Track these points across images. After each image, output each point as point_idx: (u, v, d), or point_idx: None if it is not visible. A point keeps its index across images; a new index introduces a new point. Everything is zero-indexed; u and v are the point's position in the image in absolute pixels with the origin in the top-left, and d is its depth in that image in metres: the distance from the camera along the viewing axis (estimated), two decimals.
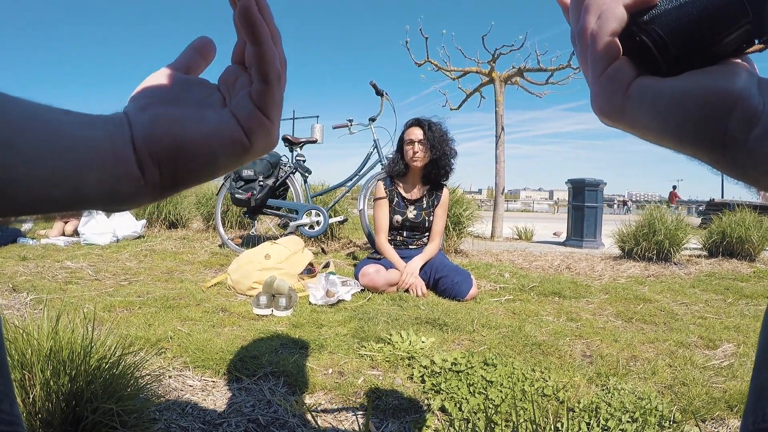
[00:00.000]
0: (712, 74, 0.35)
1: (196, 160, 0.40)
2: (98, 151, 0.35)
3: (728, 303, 3.32)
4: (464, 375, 1.76)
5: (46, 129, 0.32)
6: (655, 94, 0.36)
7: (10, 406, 0.50)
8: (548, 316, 2.80)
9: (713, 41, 0.35)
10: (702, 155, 0.36)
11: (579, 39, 0.41)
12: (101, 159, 0.35)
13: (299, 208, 4.72)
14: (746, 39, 0.35)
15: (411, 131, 3.58)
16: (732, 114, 0.33)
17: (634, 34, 0.37)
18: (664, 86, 0.36)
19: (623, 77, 0.38)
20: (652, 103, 0.36)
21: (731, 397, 1.70)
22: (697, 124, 0.34)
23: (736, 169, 0.35)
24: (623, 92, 0.38)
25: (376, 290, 3.19)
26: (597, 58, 0.39)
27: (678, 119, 0.35)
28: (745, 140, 0.33)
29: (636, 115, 0.38)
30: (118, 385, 1.26)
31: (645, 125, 0.38)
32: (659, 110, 0.36)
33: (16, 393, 1.15)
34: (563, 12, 0.47)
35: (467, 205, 5.53)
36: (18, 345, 1.21)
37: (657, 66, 0.37)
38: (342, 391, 1.69)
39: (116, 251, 4.58)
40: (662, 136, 0.37)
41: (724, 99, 0.33)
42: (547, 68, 8.43)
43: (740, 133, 0.33)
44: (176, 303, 2.70)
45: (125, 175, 0.37)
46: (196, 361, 1.87)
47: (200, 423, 1.46)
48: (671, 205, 12.55)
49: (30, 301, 2.69)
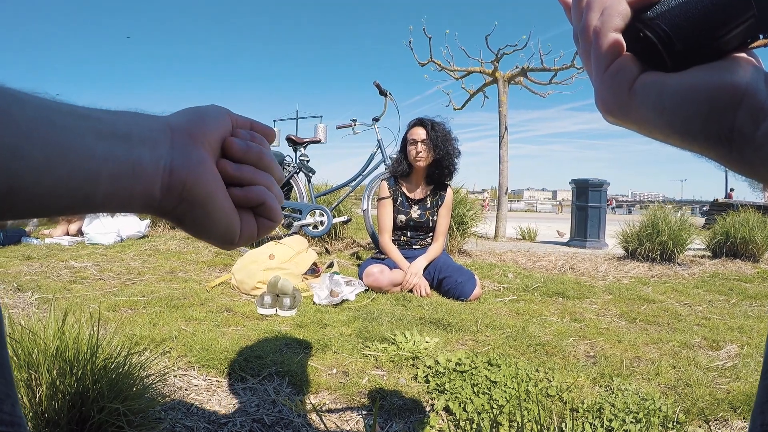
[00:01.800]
0: (717, 69, 0.34)
1: (207, 220, 0.43)
2: (115, 166, 0.35)
3: (732, 304, 3.31)
4: (468, 375, 1.76)
5: (57, 136, 0.31)
6: (661, 91, 0.36)
7: (11, 407, 0.50)
8: (552, 316, 2.80)
9: (718, 36, 0.34)
10: (709, 152, 0.36)
11: (582, 36, 0.41)
12: (117, 174, 0.35)
13: (303, 208, 4.73)
14: (751, 34, 0.34)
15: (414, 131, 3.58)
16: (739, 109, 0.33)
17: (638, 30, 0.37)
18: (670, 82, 0.36)
19: (627, 74, 0.38)
20: (657, 99, 0.36)
21: (735, 398, 1.70)
22: (704, 120, 0.34)
23: (743, 165, 0.34)
24: (628, 89, 0.38)
25: (380, 290, 3.20)
26: (600, 55, 0.39)
27: (684, 115, 0.35)
28: (753, 136, 0.33)
29: (641, 112, 0.37)
30: (123, 384, 1.26)
31: (650, 122, 0.37)
32: (665, 106, 0.36)
33: (22, 393, 1.16)
34: (565, 11, 0.46)
35: (471, 205, 5.53)
36: (24, 345, 1.21)
37: (662, 62, 0.37)
38: (346, 391, 1.70)
39: (120, 251, 4.59)
40: (668, 133, 0.37)
41: (731, 94, 0.33)
42: (551, 68, 8.42)
43: (747, 128, 0.33)
44: (180, 303, 2.70)
45: (142, 193, 0.38)
46: (201, 361, 1.87)
47: (205, 422, 1.46)
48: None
49: (35, 300, 2.70)
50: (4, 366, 0.50)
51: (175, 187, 0.39)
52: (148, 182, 0.38)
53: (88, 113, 0.35)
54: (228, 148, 0.46)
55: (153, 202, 0.39)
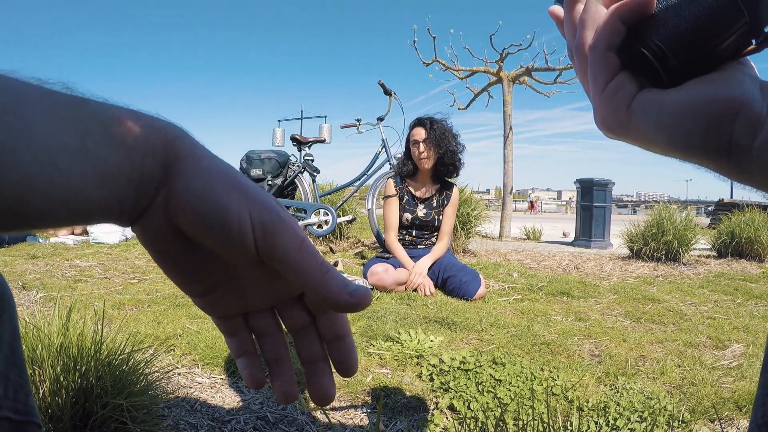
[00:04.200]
0: (713, 82, 0.35)
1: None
2: (106, 208, 0.32)
3: (737, 303, 3.30)
4: (473, 374, 1.76)
5: (60, 184, 0.28)
6: (660, 108, 0.36)
7: (25, 397, 0.51)
8: (557, 315, 2.79)
9: (712, 47, 0.34)
10: (708, 164, 0.36)
11: (577, 54, 0.41)
12: (107, 214, 0.32)
13: (308, 208, 4.73)
14: (743, 41, 0.34)
15: (414, 132, 3.59)
16: (735, 121, 0.33)
17: (632, 46, 0.37)
18: (668, 99, 0.36)
19: (626, 92, 0.38)
20: (657, 116, 0.36)
21: (740, 397, 1.69)
22: (703, 135, 0.34)
23: (742, 175, 0.35)
24: (626, 107, 0.38)
25: (385, 289, 3.20)
26: (597, 74, 0.39)
27: (684, 131, 0.35)
28: (750, 146, 0.33)
29: (641, 129, 0.38)
30: (127, 381, 1.26)
31: (650, 138, 0.38)
32: (665, 123, 0.36)
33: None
34: (557, 26, 0.46)
35: (475, 204, 5.53)
36: (29, 341, 1.22)
37: (658, 77, 0.37)
38: (350, 389, 1.70)
39: (125, 250, 4.61)
40: (668, 148, 0.37)
41: (728, 107, 0.33)
42: (555, 67, 8.42)
43: (745, 139, 0.33)
44: (185, 301, 2.71)
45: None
46: (205, 359, 1.87)
47: (209, 420, 1.46)
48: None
49: (39, 298, 2.71)
50: (19, 358, 0.52)
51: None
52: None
53: (97, 147, 0.30)
54: (285, 310, 0.40)
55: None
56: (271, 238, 0.33)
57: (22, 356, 0.52)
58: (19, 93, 0.28)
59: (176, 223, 0.33)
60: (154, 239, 0.34)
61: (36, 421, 0.53)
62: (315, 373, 0.40)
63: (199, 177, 0.33)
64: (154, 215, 0.33)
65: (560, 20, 0.45)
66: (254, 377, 0.40)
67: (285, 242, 0.33)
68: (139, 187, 0.32)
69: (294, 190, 5.07)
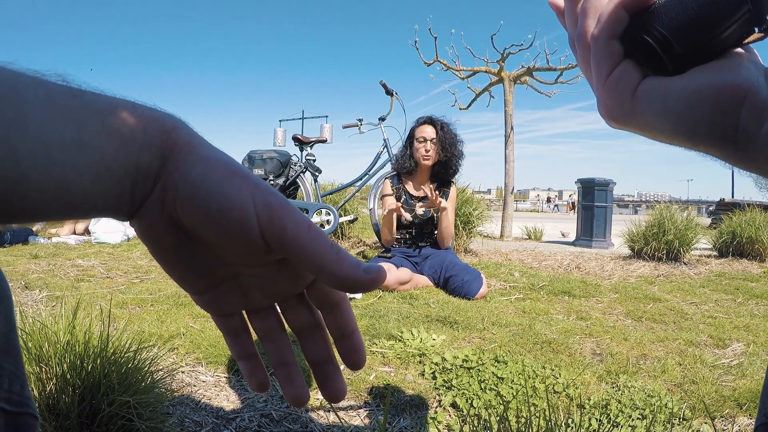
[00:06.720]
0: (718, 70, 0.34)
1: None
2: (104, 204, 0.32)
3: (738, 303, 3.30)
4: (475, 372, 1.77)
5: (55, 177, 0.29)
6: (664, 96, 0.36)
7: (20, 387, 0.51)
8: (558, 314, 2.80)
9: (716, 35, 0.34)
10: (715, 151, 0.36)
11: (579, 44, 0.40)
12: (104, 210, 0.32)
13: (309, 207, 4.74)
14: (746, 28, 0.34)
15: (423, 129, 3.59)
16: (742, 109, 0.33)
17: (636, 35, 0.36)
18: (672, 87, 0.35)
19: (629, 81, 0.37)
20: (662, 105, 0.36)
21: (741, 396, 1.70)
22: (709, 122, 0.34)
23: (749, 162, 0.34)
24: (631, 96, 0.37)
25: (387, 288, 3.20)
26: (600, 63, 0.38)
27: (689, 119, 0.35)
28: (757, 134, 0.33)
29: (646, 118, 0.37)
30: (133, 379, 1.27)
31: (656, 127, 0.37)
32: (670, 111, 0.36)
33: (33, 386, 1.17)
34: (558, 17, 0.46)
35: (477, 204, 5.53)
36: (35, 339, 1.23)
37: (662, 65, 0.36)
38: (354, 387, 1.71)
39: (127, 249, 4.62)
40: (673, 136, 0.37)
41: (734, 94, 0.33)
42: (557, 67, 8.41)
43: (751, 127, 0.33)
44: (188, 300, 2.71)
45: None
46: (209, 357, 1.88)
47: (213, 417, 1.47)
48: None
49: (42, 298, 2.73)
50: (14, 348, 0.51)
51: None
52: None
53: (93, 139, 0.30)
54: (289, 309, 0.40)
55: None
56: (279, 219, 0.32)
57: (18, 347, 0.51)
58: (13, 81, 0.28)
59: (175, 216, 0.33)
60: (153, 233, 0.34)
61: (32, 413, 0.52)
62: (325, 376, 0.40)
63: (198, 165, 0.32)
64: (152, 208, 0.33)
65: (561, 11, 0.44)
66: (259, 381, 0.40)
67: (294, 223, 0.33)
68: (137, 180, 0.32)
69: (296, 190, 5.08)
